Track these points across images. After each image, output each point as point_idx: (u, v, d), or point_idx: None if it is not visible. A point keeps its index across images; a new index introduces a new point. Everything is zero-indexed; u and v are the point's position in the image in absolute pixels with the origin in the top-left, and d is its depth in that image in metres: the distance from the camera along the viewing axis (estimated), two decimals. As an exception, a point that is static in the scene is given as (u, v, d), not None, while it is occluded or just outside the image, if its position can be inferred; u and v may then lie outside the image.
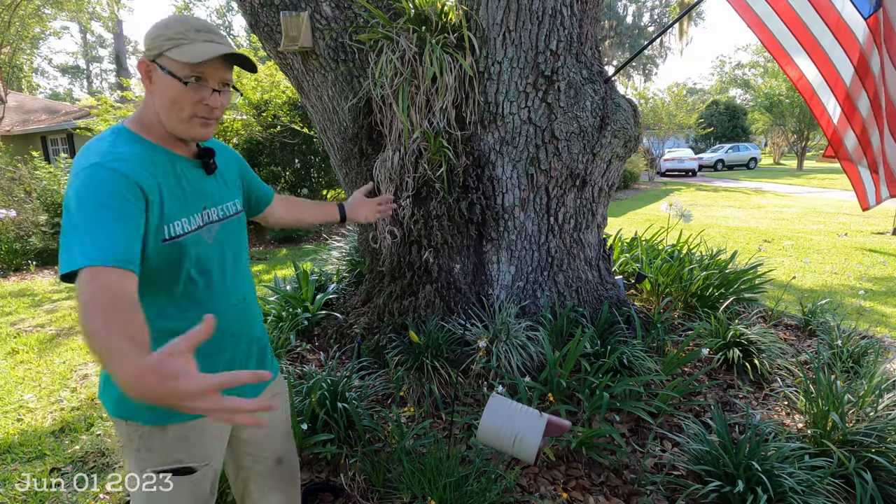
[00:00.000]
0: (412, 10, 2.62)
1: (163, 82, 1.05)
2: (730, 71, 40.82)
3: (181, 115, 1.07)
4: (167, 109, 1.07)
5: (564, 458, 2.10)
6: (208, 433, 1.20)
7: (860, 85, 2.47)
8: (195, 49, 1.03)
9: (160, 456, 1.15)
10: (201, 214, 1.13)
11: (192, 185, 1.13)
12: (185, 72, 1.04)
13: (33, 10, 14.03)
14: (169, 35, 1.04)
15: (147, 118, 1.11)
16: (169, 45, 1.03)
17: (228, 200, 1.24)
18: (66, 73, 38.62)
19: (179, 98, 1.05)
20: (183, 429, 1.15)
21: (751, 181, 19.13)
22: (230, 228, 1.23)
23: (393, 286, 2.83)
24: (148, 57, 1.06)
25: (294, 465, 1.48)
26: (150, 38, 1.05)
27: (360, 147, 2.96)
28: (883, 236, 8.02)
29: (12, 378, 3.39)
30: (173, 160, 1.11)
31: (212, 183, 1.20)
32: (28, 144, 14.60)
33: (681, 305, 3.45)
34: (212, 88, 1.08)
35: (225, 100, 1.12)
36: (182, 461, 1.16)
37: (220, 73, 1.08)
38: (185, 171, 1.13)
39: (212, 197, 1.19)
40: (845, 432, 2.02)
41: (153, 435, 1.13)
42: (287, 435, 1.45)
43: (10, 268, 6.80)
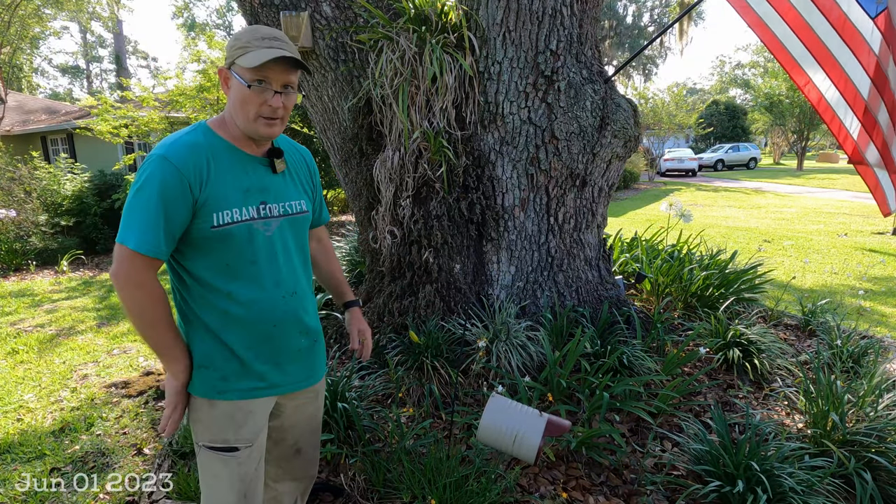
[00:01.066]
0: (412, 10, 2.62)
1: (234, 87, 1.19)
2: (730, 71, 40.82)
3: (248, 115, 1.19)
4: (237, 111, 1.20)
5: (564, 458, 2.10)
6: (256, 415, 1.28)
7: (878, 97, 2.43)
8: (256, 55, 1.14)
9: (209, 431, 1.26)
10: (257, 207, 1.23)
11: (253, 181, 1.24)
12: (249, 76, 1.16)
13: (33, 10, 14.03)
14: (239, 45, 1.17)
15: (227, 119, 1.25)
16: (239, 54, 1.16)
17: (294, 199, 1.33)
18: (66, 73, 38.60)
19: (246, 100, 1.17)
20: (230, 407, 1.24)
21: (751, 181, 19.13)
22: (292, 225, 1.32)
23: (393, 286, 2.83)
24: (225, 66, 1.20)
25: (311, 461, 1.55)
26: (227, 49, 1.20)
27: (360, 147, 2.96)
28: (883, 236, 8.02)
29: (12, 378, 3.39)
30: (239, 156, 1.23)
31: (277, 181, 1.30)
32: (28, 144, 14.59)
33: (681, 305, 3.45)
34: (273, 90, 1.18)
35: (288, 101, 1.22)
36: (228, 441, 1.25)
37: (282, 77, 1.19)
38: (248, 168, 1.24)
39: (275, 193, 1.28)
40: (845, 432, 2.02)
41: (202, 408, 1.25)
42: (313, 432, 1.52)
43: (10, 268, 6.79)
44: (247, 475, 1.29)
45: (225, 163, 1.20)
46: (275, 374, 1.30)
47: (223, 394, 1.24)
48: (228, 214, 1.18)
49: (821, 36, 2.45)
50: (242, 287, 1.22)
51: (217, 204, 1.16)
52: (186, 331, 1.26)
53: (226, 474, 1.27)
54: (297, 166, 1.39)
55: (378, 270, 3.01)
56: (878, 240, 7.75)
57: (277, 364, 1.30)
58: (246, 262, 1.22)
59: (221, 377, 1.23)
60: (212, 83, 7.78)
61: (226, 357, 1.23)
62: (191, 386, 1.24)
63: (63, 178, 7.94)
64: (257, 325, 1.24)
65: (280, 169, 1.30)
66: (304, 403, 1.44)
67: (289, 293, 1.30)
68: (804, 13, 2.44)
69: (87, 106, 9.86)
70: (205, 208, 1.15)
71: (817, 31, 2.45)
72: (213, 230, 1.16)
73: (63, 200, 7.59)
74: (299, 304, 1.34)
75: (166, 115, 8.66)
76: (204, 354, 1.23)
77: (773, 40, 2.52)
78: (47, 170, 8.08)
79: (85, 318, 4.69)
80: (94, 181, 8.12)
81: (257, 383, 1.27)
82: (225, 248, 1.19)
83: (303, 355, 1.36)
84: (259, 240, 1.23)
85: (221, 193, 1.17)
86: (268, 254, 1.25)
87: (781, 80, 23.87)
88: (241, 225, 1.19)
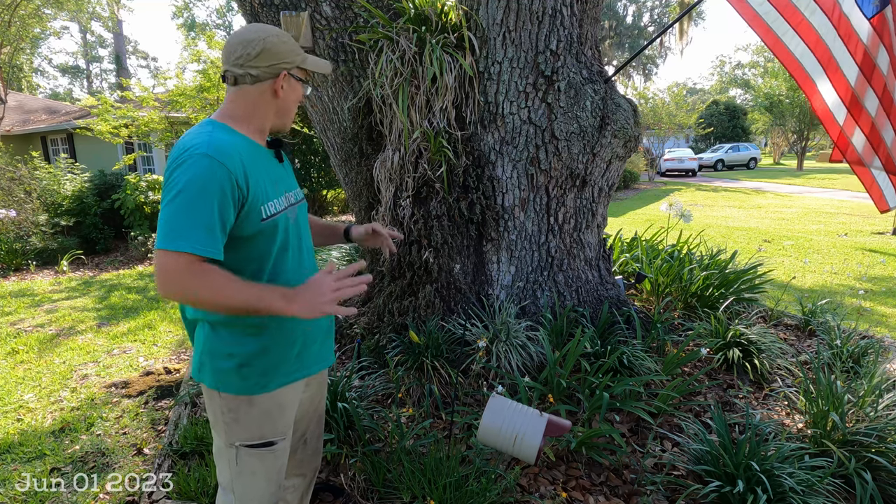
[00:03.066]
0: (412, 10, 2.62)
1: (293, 87, 1.29)
2: (730, 71, 40.83)
3: (291, 113, 1.32)
4: (287, 109, 1.31)
5: (564, 458, 2.10)
6: (288, 407, 1.33)
7: (866, 83, 2.45)
8: (319, 62, 1.31)
9: (247, 429, 1.27)
10: (285, 196, 1.31)
11: (273, 172, 1.30)
12: (304, 77, 1.31)
13: (33, 10, 14.02)
14: (294, 49, 1.26)
15: (240, 114, 1.25)
16: (301, 59, 1.27)
17: (296, 187, 1.43)
18: (66, 73, 38.59)
19: (297, 99, 1.32)
20: (268, 401, 1.27)
21: (751, 181, 19.13)
22: (302, 211, 1.41)
23: (393, 286, 2.83)
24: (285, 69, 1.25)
25: (315, 452, 1.58)
26: (280, 53, 1.23)
27: (360, 147, 2.96)
28: (883, 236, 8.02)
29: (12, 378, 3.39)
30: (261, 151, 1.29)
31: (284, 170, 1.38)
32: (28, 144, 14.59)
33: (681, 305, 3.45)
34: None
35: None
36: (265, 436, 1.29)
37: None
38: (267, 161, 1.30)
39: (286, 182, 1.36)
40: (845, 432, 2.02)
41: (241, 407, 1.26)
42: (319, 419, 1.57)
43: (10, 268, 6.79)
44: (282, 465, 1.35)
45: (255, 157, 1.24)
46: (306, 356, 1.35)
47: (265, 387, 1.26)
48: (273, 206, 1.23)
49: (823, 36, 2.46)
50: (279, 273, 1.27)
51: (263, 197, 1.21)
52: (224, 335, 1.24)
53: (263, 469, 1.31)
54: (288, 158, 1.47)
55: (378, 270, 3.01)
56: (878, 240, 7.76)
57: (308, 345, 1.35)
58: (280, 249, 1.27)
59: (262, 372, 1.26)
60: (212, 83, 7.78)
61: (266, 350, 1.25)
62: (230, 386, 1.24)
63: (63, 178, 7.94)
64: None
65: (281, 160, 1.38)
66: (315, 392, 1.50)
67: (311, 274, 1.34)
68: (806, 13, 2.45)
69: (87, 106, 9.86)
70: (254, 203, 1.18)
71: (819, 31, 2.46)
72: (263, 223, 1.20)
73: (63, 200, 7.59)
74: None
75: (166, 115, 8.66)
76: (244, 353, 1.24)
77: (774, 41, 2.52)
78: (47, 170, 8.08)
79: (85, 318, 4.69)
80: (94, 181, 8.12)
81: (292, 366, 1.31)
82: (271, 239, 1.24)
83: (327, 334, 1.44)
84: (290, 227, 1.30)
85: (262, 187, 1.22)
86: (294, 239, 1.33)
87: (781, 80, 23.88)
88: (282, 215, 1.26)
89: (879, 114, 2.49)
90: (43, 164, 8.34)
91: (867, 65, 2.42)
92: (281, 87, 1.25)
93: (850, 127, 2.57)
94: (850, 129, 2.58)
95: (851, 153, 2.64)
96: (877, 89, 2.45)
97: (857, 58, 2.44)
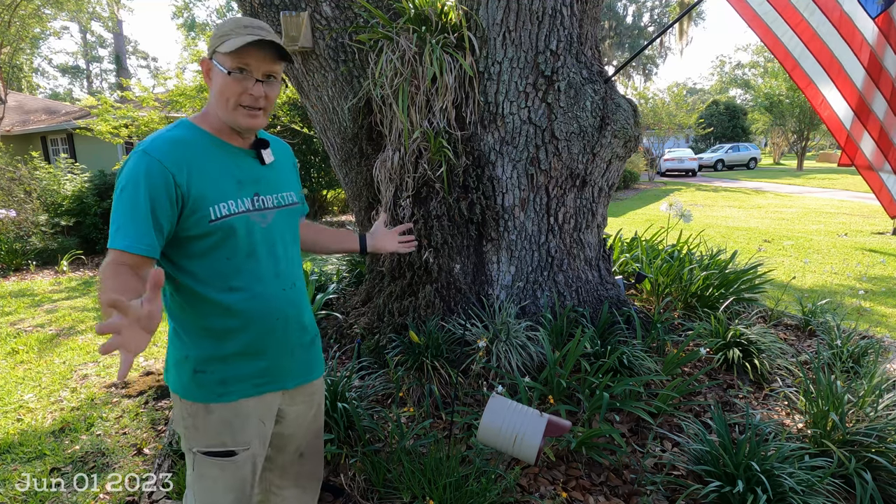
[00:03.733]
0: (412, 10, 2.62)
1: (215, 75, 1.17)
2: (730, 71, 40.84)
3: (228, 104, 1.16)
4: (218, 100, 1.17)
5: (564, 458, 2.10)
6: (251, 418, 1.27)
7: (874, 86, 2.43)
8: (236, 40, 1.12)
9: (205, 436, 1.23)
10: (252, 199, 1.22)
11: (244, 173, 1.23)
12: (229, 63, 1.14)
13: (33, 10, 14.02)
14: (219, 34, 1.15)
15: (209, 111, 1.22)
16: (219, 42, 1.14)
17: (284, 191, 1.33)
18: (66, 73, 38.60)
19: (226, 88, 1.15)
20: (226, 410, 1.23)
21: (751, 181, 19.13)
22: (286, 216, 1.31)
23: (393, 286, 2.83)
24: (207, 56, 1.19)
25: (316, 463, 1.53)
26: (210, 39, 1.18)
27: (360, 147, 2.96)
28: (883, 236, 8.02)
29: (12, 378, 3.39)
30: (226, 149, 1.21)
31: (267, 172, 1.29)
32: (28, 144, 14.59)
33: (681, 305, 3.45)
34: (255, 79, 1.16)
35: (270, 91, 1.19)
36: (225, 444, 1.24)
37: (263, 65, 1.16)
38: (237, 160, 1.23)
39: (266, 185, 1.27)
40: (845, 432, 2.02)
41: (200, 413, 1.22)
42: (315, 434, 1.50)
43: (10, 268, 6.79)
44: (245, 478, 1.28)
45: (213, 155, 1.18)
46: (276, 370, 1.28)
47: (223, 396, 1.22)
48: (225, 207, 1.16)
49: (823, 37, 2.45)
50: (243, 281, 1.20)
51: (213, 197, 1.14)
52: (182, 336, 1.22)
53: (222, 478, 1.25)
54: (283, 159, 1.38)
55: (378, 270, 3.01)
56: (878, 240, 7.76)
57: (279, 359, 1.28)
58: (244, 255, 1.20)
59: (220, 380, 1.21)
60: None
61: (225, 358, 1.21)
62: (187, 391, 1.22)
63: (63, 178, 7.94)
64: (260, 320, 1.23)
65: (268, 160, 1.28)
66: (304, 408, 1.43)
67: (289, 285, 1.29)
68: (805, 13, 2.44)
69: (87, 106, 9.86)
70: (200, 203, 1.12)
71: (819, 32, 2.45)
72: (212, 224, 1.14)
73: (63, 200, 7.59)
74: (299, 297, 1.33)
75: (166, 115, 8.67)
76: (202, 359, 1.21)
77: (774, 41, 2.52)
78: (47, 170, 8.07)
79: (85, 318, 4.69)
80: (94, 181, 8.11)
81: (258, 380, 1.26)
82: (224, 242, 1.17)
83: (304, 350, 1.36)
84: (256, 232, 1.21)
85: (215, 186, 1.15)
86: (266, 246, 1.24)
87: (781, 80, 23.88)
88: (239, 217, 1.18)
89: (889, 117, 2.47)
90: (43, 164, 8.33)
91: (874, 67, 2.40)
92: (209, 77, 1.19)
93: (859, 132, 2.56)
94: (859, 134, 2.56)
95: (860, 158, 2.62)
96: (885, 92, 2.43)
97: (862, 59, 2.41)
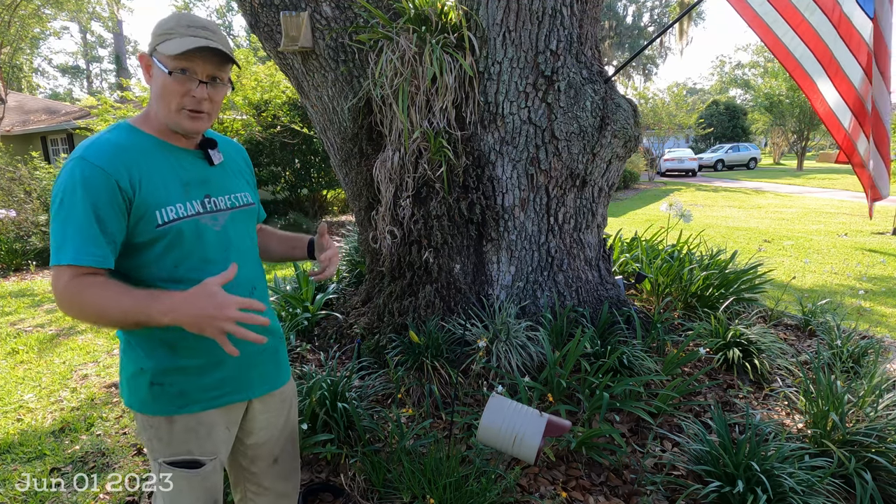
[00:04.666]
0: (412, 10, 2.62)
1: (156, 74, 1.11)
2: (730, 71, 40.81)
3: (170, 106, 1.11)
4: (158, 100, 1.11)
5: (564, 458, 2.10)
6: (217, 427, 1.23)
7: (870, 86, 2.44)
8: (179, 42, 1.07)
9: (170, 447, 1.19)
10: (202, 201, 1.17)
11: (191, 174, 1.17)
12: (171, 64, 1.08)
13: (33, 10, 14.03)
14: (161, 31, 1.09)
15: (150, 112, 1.16)
16: (161, 40, 1.09)
17: (238, 191, 1.27)
18: (66, 73, 38.61)
19: (167, 89, 1.09)
20: (190, 421, 1.19)
21: (751, 181, 19.13)
22: (240, 218, 1.25)
23: (393, 286, 2.83)
24: (147, 52, 1.13)
25: (291, 467, 1.47)
26: (151, 35, 1.13)
27: (360, 147, 2.96)
28: (883, 236, 8.02)
29: (12, 378, 3.39)
30: (170, 150, 1.16)
31: (217, 173, 1.23)
32: (28, 144, 14.60)
33: (681, 305, 3.45)
34: (198, 80, 1.10)
35: (215, 94, 1.14)
36: (191, 453, 1.20)
37: (207, 67, 1.11)
38: (183, 161, 1.17)
39: (217, 186, 1.22)
40: (845, 432, 2.02)
41: (162, 426, 1.18)
42: (289, 439, 1.45)
43: (10, 268, 6.79)
44: (214, 486, 1.25)
45: (157, 158, 1.12)
46: (239, 379, 1.23)
47: (183, 408, 1.17)
48: (173, 210, 1.10)
49: (823, 37, 2.45)
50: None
51: (158, 201, 1.08)
52: (136, 348, 1.17)
53: (189, 488, 1.21)
54: (233, 159, 1.32)
55: (378, 270, 3.01)
56: (878, 240, 7.76)
57: (242, 367, 1.23)
58: (198, 260, 1.14)
59: (179, 392, 1.16)
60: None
61: (182, 369, 1.16)
62: (144, 405, 1.17)
63: (63, 178, 7.93)
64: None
65: (217, 160, 1.23)
66: (274, 416, 1.37)
67: (248, 291, 1.23)
68: (806, 13, 2.44)
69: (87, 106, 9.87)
70: (145, 207, 1.07)
71: (819, 32, 2.45)
72: (160, 229, 1.08)
73: (63, 200, 7.58)
74: (261, 301, 1.26)
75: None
76: (158, 371, 1.15)
77: (774, 41, 2.52)
78: (47, 170, 8.08)
79: (85, 318, 4.69)
80: (94, 181, 8.10)
81: (220, 390, 1.21)
82: (174, 248, 1.11)
83: (268, 355, 1.30)
84: (209, 236, 1.16)
85: (160, 189, 1.10)
86: (221, 250, 1.18)
87: (781, 80, 23.88)
88: (189, 220, 1.12)
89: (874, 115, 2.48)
90: (43, 164, 8.34)
91: (871, 67, 2.41)
92: (149, 74, 1.13)
93: (856, 132, 2.56)
94: (856, 134, 2.57)
95: (856, 157, 2.63)
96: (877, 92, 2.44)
97: (860, 59, 2.42)
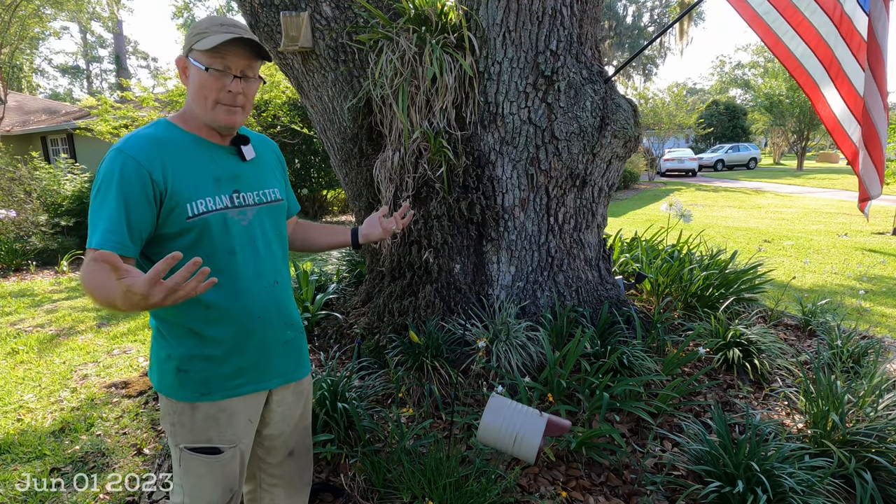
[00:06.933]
0: (412, 10, 2.62)
1: (193, 73, 1.16)
2: (730, 71, 40.85)
3: (207, 101, 1.16)
4: (196, 98, 1.17)
5: (564, 458, 2.10)
6: (238, 416, 1.27)
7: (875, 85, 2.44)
8: (213, 38, 1.13)
9: (191, 433, 1.24)
10: (230, 196, 1.22)
11: (223, 170, 1.23)
12: (207, 60, 1.14)
13: (33, 11, 14.03)
14: (196, 32, 1.16)
15: (187, 112, 1.23)
16: (196, 40, 1.15)
17: (267, 187, 1.32)
18: (66, 73, 38.60)
19: (204, 85, 1.15)
20: (212, 408, 1.23)
21: (751, 181, 19.13)
22: (268, 213, 1.30)
23: (393, 286, 2.83)
24: (183, 53, 1.18)
25: (305, 461, 1.52)
26: (185, 38, 1.19)
27: (360, 147, 2.96)
28: (883, 236, 8.03)
29: (12, 378, 3.39)
30: (204, 146, 1.22)
31: (248, 169, 1.28)
32: (28, 144, 14.60)
33: (681, 305, 3.45)
34: (233, 75, 1.16)
35: (248, 88, 1.20)
36: (211, 440, 1.24)
37: (241, 62, 1.17)
38: (216, 157, 1.23)
39: (247, 182, 1.27)
40: (845, 432, 2.02)
41: (185, 412, 1.23)
42: (304, 432, 1.50)
43: (10, 268, 6.79)
44: (232, 473, 1.29)
45: (191, 153, 1.18)
46: (259, 369, 1.28)
47: (205, 395, 1.22)
48: (202, 204, 1.15)
49: (825, 37, 2.45)
50: (223, 280, 1.18)
51: (190, 194, 1.14)
52: (166, 335, 1.23)
53: (210, 474, 1.26)
54: (266, 155, 1.37)
55: (378, 270, 3.01)
56: (879, 240, 7.76)
57: (262, 358, 1.28)
58: (224, 253, 1.18)
59: (203, 380, 1.21)
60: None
61: (207, 357, 1.21)
62: (170, 390, 1.23)
63: (63, 178, 7.94)
64: (240, 319, 1.23)
65: (249, 157, 1.28)
66: (291, 407, 1.43)
67: (270, 283, 1.28)
68: (807, 13, 2.44)
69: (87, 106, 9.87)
70: (177, 200, 1.12)
71: (821, 32, 2.45)
72: (190, 221, 1.14)
73: (63, 200, 7.59)
74: (283, 294, 1.33)
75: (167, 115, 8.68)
76: (185, 357, 1.20)
77: (774, 41, 2.52)
78: (47, 170, 8.08)
79: (85, 318, 4.69)
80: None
81: (241, 379, 1.25)
82: (201, 240, 1.16)
83: (288, 348, 1.35)
84: (236, 230, 1.21)
85: (192, 183, 1.15)
86: (246, 244, 1.23)
87: (781, 80, 23.89)
88: (217, 214, 1.17)
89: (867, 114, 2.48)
90: (43, 164, 8.34)
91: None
92: (186, 75, 1.19)
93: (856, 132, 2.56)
94: (855, 134, 2.57)
95: (857, 164, 2.63)
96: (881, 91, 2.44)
97: (860, 59, 2.42)
